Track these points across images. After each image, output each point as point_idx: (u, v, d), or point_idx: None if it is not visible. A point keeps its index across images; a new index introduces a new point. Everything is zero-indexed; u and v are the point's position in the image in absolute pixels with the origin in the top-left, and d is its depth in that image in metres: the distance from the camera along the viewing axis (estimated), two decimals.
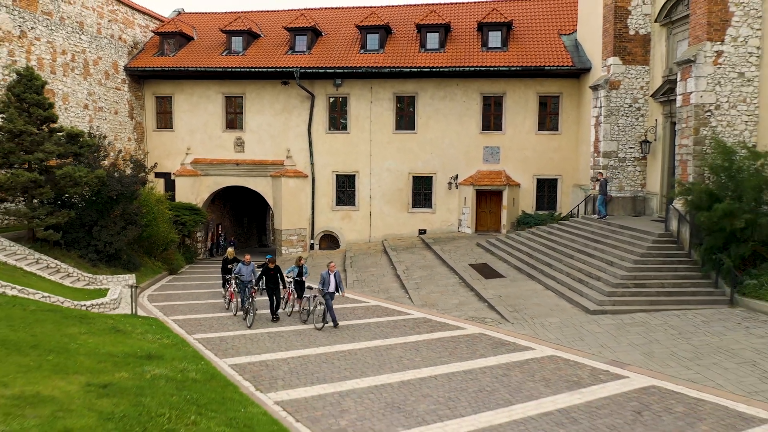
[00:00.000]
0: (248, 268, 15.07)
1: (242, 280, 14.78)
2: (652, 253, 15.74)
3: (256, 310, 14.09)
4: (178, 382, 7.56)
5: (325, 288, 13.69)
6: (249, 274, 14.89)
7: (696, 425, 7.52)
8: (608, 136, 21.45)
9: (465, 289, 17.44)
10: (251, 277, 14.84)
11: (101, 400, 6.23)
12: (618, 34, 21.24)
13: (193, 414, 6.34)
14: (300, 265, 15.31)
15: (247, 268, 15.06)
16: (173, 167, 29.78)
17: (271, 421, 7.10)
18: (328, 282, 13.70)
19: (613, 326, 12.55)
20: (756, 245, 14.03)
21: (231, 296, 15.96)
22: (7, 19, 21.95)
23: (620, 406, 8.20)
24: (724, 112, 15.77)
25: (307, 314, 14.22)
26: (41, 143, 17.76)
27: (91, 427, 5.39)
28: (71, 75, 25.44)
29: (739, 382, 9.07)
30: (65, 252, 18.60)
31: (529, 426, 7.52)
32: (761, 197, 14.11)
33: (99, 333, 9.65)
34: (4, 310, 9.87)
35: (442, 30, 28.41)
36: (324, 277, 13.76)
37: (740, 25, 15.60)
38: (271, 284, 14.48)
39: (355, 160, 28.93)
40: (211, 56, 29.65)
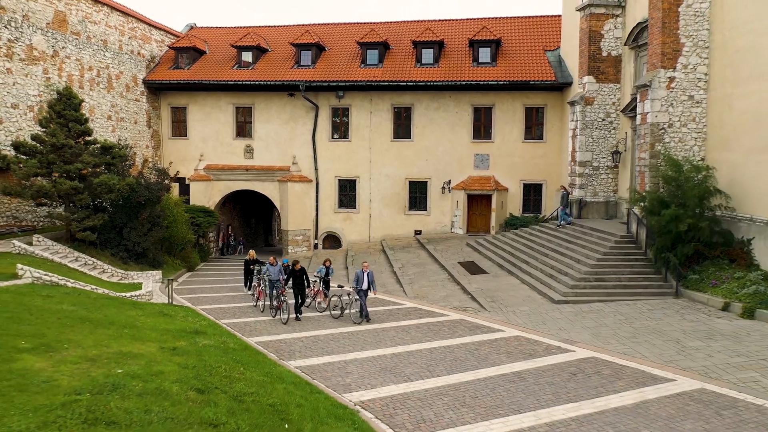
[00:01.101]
0: (275, 268, 16.44)
1: (271, 280, 16.19)
2: (614, 252, 18.16)
3: (289, 307, 15.31)
4: (222, 350, 9.96)
5: (359, 285, 14.78)
6: (276, 274, 16.21)
7: (615, 382, 9.92)
8: (584, 147, 23.85)
9: (452, 284, 19.85)
10: (278, 277, 16.14)
11: (174, 357, 8.64)
12: (592, 55, 23.64)
13: (239, 368, 8.75)
14: (326, 266, 16.92)
15: (274, 268, 16.43)
16: (187, 172, 32.18)
17: (295, 375, 9.51)
18: (362, 280, 14.77)
19: (572, 313, 14.96)
20: (698, 245, 16.43)
21: (260, 294, 17.35)
22: (42, 40, 24.36)
23: (561, 370, 10.61)
24: (676, 129, 18.18)
25: (341, 310, 15.46)
26: (80, 155, 20.16)
27: (175, 371, 7.80)
28: (97, 89, 27.87)
29: (660, 354, 11.47)
30: (99, 251, 21.01)
31: (489, 382, 9.92)
32: (703, 204, 16.49)
33: (151, 315, 12.06)
34: (76, 298, 12.28)
35: (437, 46, 30.81)
36: (359, 275, 14.89)
37: (690, 54, 17.99)
38: (297, 284, 15.58)
39: (355, 166, 31.32)
40: (223, 70, 32.06)
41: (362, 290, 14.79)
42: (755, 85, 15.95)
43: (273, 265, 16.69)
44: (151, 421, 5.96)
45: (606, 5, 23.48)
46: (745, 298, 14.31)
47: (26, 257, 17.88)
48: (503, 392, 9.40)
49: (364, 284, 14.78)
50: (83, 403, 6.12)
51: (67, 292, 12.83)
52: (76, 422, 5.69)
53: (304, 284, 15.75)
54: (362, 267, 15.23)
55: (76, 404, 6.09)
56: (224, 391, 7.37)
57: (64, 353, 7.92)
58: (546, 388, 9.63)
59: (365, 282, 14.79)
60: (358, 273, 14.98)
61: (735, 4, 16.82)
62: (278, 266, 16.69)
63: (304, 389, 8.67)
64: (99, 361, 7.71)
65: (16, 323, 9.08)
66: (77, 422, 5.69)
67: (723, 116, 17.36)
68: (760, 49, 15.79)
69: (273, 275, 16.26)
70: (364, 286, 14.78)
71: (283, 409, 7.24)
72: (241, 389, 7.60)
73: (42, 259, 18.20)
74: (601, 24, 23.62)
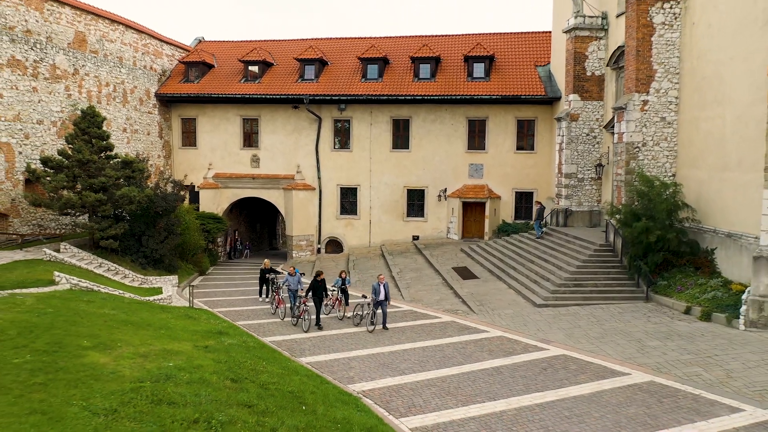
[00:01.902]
0: (294, 278, 17.48)
1: (291, 290, 17.24)
2: (592, 260, 19.91)
3: (310, 316, 16.16)
4: (245, 347, 11.70)
5: (377, 297, 15.87)
6: (296, 284, 17.30)
7: (578, 376, 11.65)
8: (569, 160, 25.59)
9: (446, 288, 21.60)
10: (297, 287, 17.23)
11: (207, 353, 10.38)
12: (577, 75, 25.39)
13: (261, 362, 10.49)
14: (342, 278, 17.83)
15: (294, 278, 17.48)
16: (197, 181, 33.95)
17: (307, 369, 11.25)
18: (378, 291, 15.86)
19: (551, 316, 16.71)
20: (666, 254, 18.17)
21: (279, 303, 18.07)
22: (64, 60, 26.11)
23: (534, 365, 12.34)
24: (649, 148, 19.92)
25: (360, 318, 16.49)
26: (103, 169, 21.93)
27: (211, 365, 9.54)
28: (113, 103, 29.63)
29: (622, 352, 13.21)
30: (120, 257, 22.74)
31: (471, 376, 11.65)
32: (672, 217, 18.22)
33: (179, 318, 13.80)
34: (113, 303, 14.02)
35: (433, 62, 32.56)
36: (375, 287, 15.92)
37: (662, 80, 19.74)
38: (318, 295, 16.45)
39: (356, 175, 33.08)
40: (231, 83, 33.82)
41: (379, 301, 15.88)
42: (718, 109, 17.69)
43: (292, 276, 17.69)
44: (200, 402, 7.71)
45: (590, 28, 25.22)
46: (704, 302, 16.06)
47: (57, 264, 19.60)
48: (482, 384, 11.14)
49: (381, 295, 15.86)
50: (147, 389, 7.87)
51: (104, 298, 14.56)
52: (145, 403, 7.44)
53: (323, 295, 16.64)
54: (378, 280, 16.26)
55: (141, 389, 7.84)
56: (252, 381, 9.12)
57: (119, 350, 9.66)
58: (519, 380, 11.37)
59: (382, 293, 15.88)
60: (375, 285, 16.05)
61: (702, 35, 18.56)
62: (297, 276, 17.65)
63: (315, 380, 10.41)
64: (149, 357, 9.46)
65: (74, 325, 10.83)
66: (146, 403, 7.44)
67: (691, 137, 19.11)
68: (722, 78, 17.52)
69: (292, 285, 17.29)
70: (381, 296, 15.85)
71: (300, 395, 8.98)
72: (265, 379, 9.36)
73: (70, 265, 19.92)
74: (585, 46, 25.36)
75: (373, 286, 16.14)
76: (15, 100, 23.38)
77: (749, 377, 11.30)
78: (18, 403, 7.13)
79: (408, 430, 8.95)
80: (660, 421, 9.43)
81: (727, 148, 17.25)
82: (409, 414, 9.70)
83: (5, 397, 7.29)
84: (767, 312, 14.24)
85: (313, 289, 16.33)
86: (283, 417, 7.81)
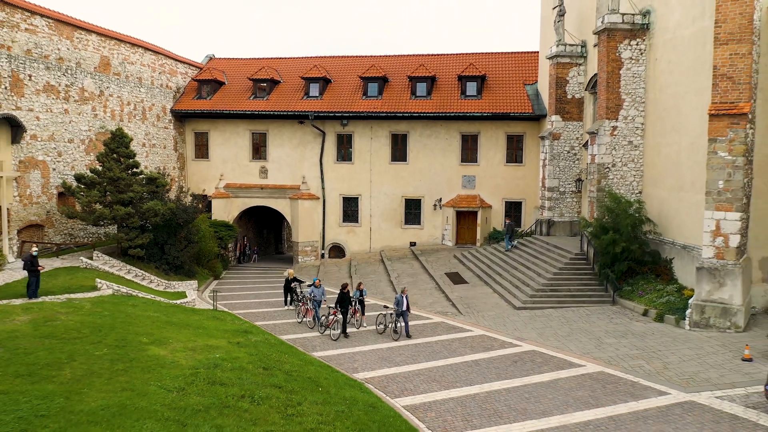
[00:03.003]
0: (319, 290, 18.83)
1: (316, 300, 18.58)
2: (568, 267, 22.43)
3: (338, 325, 17.55)
4: (268, 344, 14.20)
5: (399, 307, 17.15)
6: (320, 295, 18.71)
7: (542, 367, 14.17)
8: (552, 175, 28.12)
9: (438, 292, 24.13)
10: (322, 297, 18.70)
11: (240, 348, 12.89)
12: (559, 97, 27.91)
13: (284, 355, 13.01)
14: (360, 290, 18.96)
15: (319, 290, 18.82)
16: (209, 190, 36.47)
17: (319, 361, 13.76)
18: (401, 303, 17.13)
19: (527, 317, 19.23)
20: (631, 263, 20.69)
21: (306, 313, 19.28)
22: (91, 83, 28.64)
23: (507, 358, 14.86)
24: (618, 168, 22.44)
25: (384, 327, 17.70)
26: (131, 185, 24.44)
27: (246, 357, 12.05)
28: (134, 121, 32.17)
29: (583, 348, 15.72)
30: (145, 264, 25.25)
31: (453, 367, 14.17)
32: (636, 230, 20.73)
33: (209, 319, 16.31)
34: (153, 306, 16.53)
35: (429, 81, 35.08)
36: (398, 299, 17.25)
37: (629, 108, 22.25)
38: (345, 305, 17.64)
39: (358, 185, 35.59)
40: (240, 100, 36.35)
41: (403, 311, 17.18)
42: (675, 137, 20.21)
43: (318, 287, 19.06)
44: (243, 384, 10.23)
45: (570, 56, 27.74)
46: (659, 306, 18.59)
47: (93, 271, 22.14)
48: (462, 373, 13.67)
49: (404, 305, 17.21)
50: (202, 374, 10.40)
51: (145, 302, 17.09)
52: (203, 383, 9.97)
53: (349, 306, 17.88)
54: (401, 292, 17.57)
55: (198, 374, 10.37)
56: (279, 369, 11.64)
57: (172, 345, 12.19)
58: (492, 370, 13.90)
59: (404, 304, 17.23)
60: (398, 297, 17.39)
61: (663, 70, 21.07)
62: (321, 288, 19.06)
63: (327, 369, 12.93)
64: (197, 350, 11.99)
65: (130, 326, 13.36)
66: (204, 383, 9.97)
67: (654, 159, 21.63)
68: (679, 109, 20.04)
69: (318, 296, 18.72)
70: (403, 307, 17.17)
71: (316, 380, 11.49)
72: (289, 368, 11.88)
73: (105, 272, 22.44)
74: (566, 71, 27.88)
75: (396, 298, 17.49)
76: (50, 121, 25.89)
77: (681, 368, 13.82)
78: (110, 383, 9.66)
79: (401, 406, 11.46)
80: (600, 401, 11.94)
81: (683, 171, 19.76)
82: (402, 395, 12.22)
83: (100, 379, 9.82)
84: (708, 314, 16.75)
85: (340, 300, 17.62)
86: (305, 395, 10.33)
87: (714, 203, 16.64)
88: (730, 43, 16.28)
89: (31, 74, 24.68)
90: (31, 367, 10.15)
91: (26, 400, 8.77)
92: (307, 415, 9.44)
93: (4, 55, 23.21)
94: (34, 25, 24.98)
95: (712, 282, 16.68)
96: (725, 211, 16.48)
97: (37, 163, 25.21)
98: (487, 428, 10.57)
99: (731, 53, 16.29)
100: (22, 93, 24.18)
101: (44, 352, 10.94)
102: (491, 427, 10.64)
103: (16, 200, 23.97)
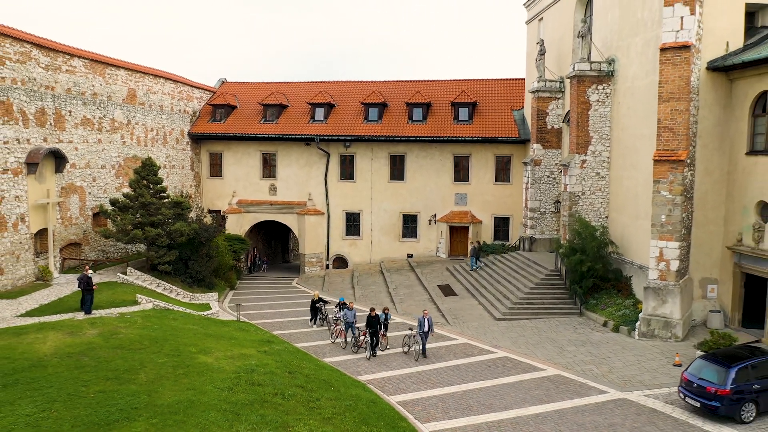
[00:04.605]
0: (351, 312, 20.17)
1: (348, 322, 20.11)
2: (543, 282, 25.70)
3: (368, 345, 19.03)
4: (288, 351, 17.45)
5: (421, 329, 18.65)
6: (352, 317, 20.07)
7: (511, 371, 17.42)
8: (533, 197, 31.40)
9: (431, 303, 27.39)
10: (353, 319, 20.08)
11: (267, 356, 16.16)
12: (540, 128, 31.19)
13: (302, 361, 16.27)
14: (385, 313, 20.07)
15: (350, 312, 20.15)
16: (223, 206, 39.78)
17: (331, 366, 17.04)
18: (423, 324, 18.62)
19: (505, 327, 22.51)
20: (596, 280, 23.95)
21: (339, 334, 20.80)
22: (120, 114, 31.94)
23: (483, 364, 18.12)
24: (588, 196, 25.71)
25: (408, 347, 19.30)
26: (160, 209, 27.71)
27: (273, 363, 15.31)
28: (156, 145, 35.47)
29: (547, 354, 18.97)
30: (172, 278, 28.53)
31: (438, 371, 17.40)
32: (600, 251, 23.97)
33: (237, 330, 19.57)
34: (190, 319, 19.80)
35: (425, 106, 38.38)
36: (420, 320, 18.71)
37: (597, 143, 25.52)
38: (373, 327, 18.97)
39: (359, 202, 38.88)
40: (251, 123, 39.66)
41: (423, 332, 18.63)
42: (633, 172, 23.46)
43: (350, 310, 20.39)
44: (275, 384, 13.51)
45: (550, 90, 31.01)
46: (616, 318, 21.85)
47: (129, 286, 25.41)
48: (444, 376, 16.94)
49: (425, 327, 18.72)
50: (243, 377, 13.68)
51: (182, 316, 20.37)
52: (245, 385, 13.25)
53: (378, 328, 19.23)
54: (423, 314, 18.94)
55: (240, 377, 13.65)
56: (300, 373, 14.91)
57: (215, 354, 15.47)
58: (470, 374, 17.16)
59: (426, 325, 18.73)
60: (420, 319, 18.90)
61: (624, 114, 24.33)
62: (353, 311, 20.38)
63: (336, 372, 16.20)
64: (235, 358, 15.27)
65: (178, 338, 16.64)
66: (246, 384, 13.25)
67: (617, 190, 24.90)
68: (636, 149, 23.29)
69: (349, 318, 20.14)
70: (425, 328, 18.65)
71: (329, 381, 14.77)
72: (307, 372, 15.15)
73: (139, 287, 25.72)
74: (546, 104, 31.16)
75: (418, 319, 19.07)
76: (86, 151, 29.19)
77: (623, 372, 17.09)
78: (177, 384, 12.94)
79: (395, 402, 14.72)
80: (551, 398, 15.20)
81: (639, 201, 23.01)
82: (396, 393, 15.49)
83: (168, 381, 13.10)
84: (653, 326, 20.01)
85: (369, 323, 19.15)
86: (321, 393, 13.61)
87: (658, 234, 19.90)
88: (671, 101, 19.54)
89: (71, 110, 27.98)
90: (114, 372, 13.42)
91: (120, 397, 12.04)
92: (324, 408, 12.70)
93: (50, 95, 26.49)
94: (73, 66, 28.26)
95: (656, 299, 19.94)
96: (667, 241, 19.74)
97: (75, 189, 28.50)
98: (461, 418, 13.83)
99: (672, 109, 19.55)
100: (63, 127, 27.47)
101: (120, 360, 14.22)
102: (463, 417, 13.90)
103: (59, 222, 27.26)
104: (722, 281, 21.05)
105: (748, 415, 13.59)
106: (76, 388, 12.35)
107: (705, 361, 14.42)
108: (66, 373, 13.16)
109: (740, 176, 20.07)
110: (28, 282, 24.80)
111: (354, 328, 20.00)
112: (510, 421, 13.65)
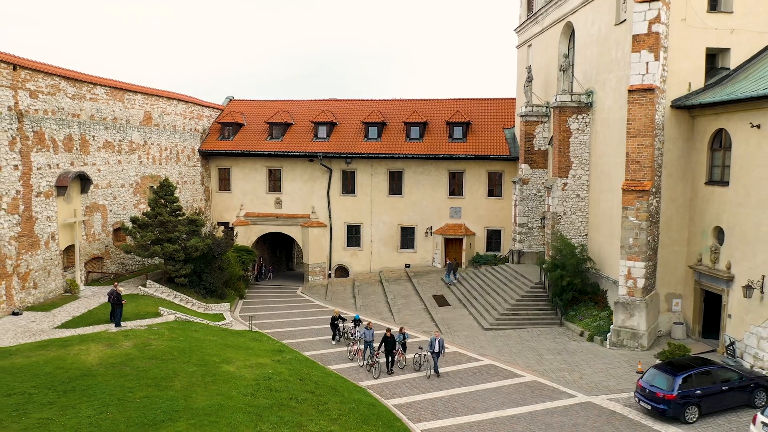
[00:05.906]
0: (370, 332, 21.09)
1: (366, 341, 21.01)
2: (529, 294, 28.12)
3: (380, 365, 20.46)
4: (297, 360, 19.85)
5: (432, 349, 19.81)
6: (371, 336, 20.97)
7: (494, 377, 19.82)
8: (522, 214, 33.82)
9: (425, 313, 29.82)
10: (372, 338, 20.95)
11: (280, 364, 18.56)
12: (527, 150, 33.62)
13: (311, 369, 18.68)
14: (403, 333, 21.30)
15: (370, 332, 21.07)
16: (231, 219, 42.22)
17: (336, 373, 19.44)
18: (434, 345, 19.79)
19: (492, 337, 24.92)
20: (575, 293, 26.37)
21: (358, 353, 22.00)
22: (137, 135, 34.37)
23: (470, 371, 20.52)
24: (569, 216, 28.13)
25: (419, 365, 20.61)
26: (176, 226, 30.14)
27: (286, 371, 17.70)
28: (170, 163, 37.90)
29: (526, 362, 21.38)
30: (187, 289, 30.95)
31: (428, 378, 19.82)
32: (579, 267, 26.39)
33: (251, 341, 21.97)
34: (210, 331, 22.19)
35: (422, 125, 40.82)
36: (432, 341, 19.88)
37: (577, 168, 27.94)
38: (389, 347, 20.34)
39: (360, 215, 41.31)
40: (258, 141, 42.10)
41: (435, 352, 19.78)
42: (609, 195, 25.88)
43: (369, 329, 21.32)
44: (289, 390, 15.92)
45: (537, 115, 33.44)
46: (591, 328, 24.26)
47: (149, 298, 27.82)
48: (435, 382, 19.35)
49: (436, 347, 19.87)
50: (262, 384, 16.10)
51: (202, 327, 22.78)
52: (264, 391, 15.66)
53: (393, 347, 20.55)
54: (434, 335, 20.29)
55: (260, 384, 16.07)
56: (310, 380, 17.32)
57: (236, 363, 17.88)
58: (457, 380, 19.58)
59: (437, 346, 19.89)
60: (432, 339, 20.03)
61: (600, 142, 26.76)
62: (372, 330, 21.24)
63: (341, 379, 18.61)
64: (253, 367, 17.69)
65: (202, 348, 19.05)
66: (265, 391, 15.67)
67: (595, 210, 27.33)
68: (609, 174, 25.70)
69: (368, 337, 21.05)
70: (436, 349, 19.84)
71: (335, 387, 17.17)
72: (316, 379, 17.57)
73: (158, 298, 28.13)
74: (533, 128, 33.59)
75: (430, 341, 20.27)
76: (107, 171, 31.61)
77: (591, 378, 19.52)
78: (207, 390, 15.36)
79: (391, 405, 17.14)
80: (526, 401, 17.62)
81: (613, 222, 25.41)
82: (392, 398, 17.91)
83: (199, 388, 15.52)
84: (622, 337, 22.42)
85: (385, 343, 20.48)
86: (329, 397, 16.03)
87: (626, 254, 22.31)
88: (637, 137, 21.96)
89: (94, 135, 30.40)
90: (153, 380, 15.83)
91: (161, 401, 14.45)
92: (331, 411, 15.11)
93: (76, 122, 28.92)
94: (96, 94, 30.68)
95: (625, 313, 22.36)
96: (634, 261, 22.16)
97: (98, 207, 30.92)
98: (447, 419, 16.25)
99: (638, 144, 21.97)
100: (88, 151, 29.89)
101: (156, 369, 16.63)
102: (450, 418, 16.32)
103: (84, 238, 29.67)
104: (686, 296, 23.47)
105: (692, 417, 16.00)
106: (124, 394, 14.76)
107: (657, 370, 16.85)
108: (113, 381, 15.56)
109: (700, 203, 22.49)
110: (58, 295, 27.23)
111: (372, 347, 21.02)
112: (489, 422, 16.07)
